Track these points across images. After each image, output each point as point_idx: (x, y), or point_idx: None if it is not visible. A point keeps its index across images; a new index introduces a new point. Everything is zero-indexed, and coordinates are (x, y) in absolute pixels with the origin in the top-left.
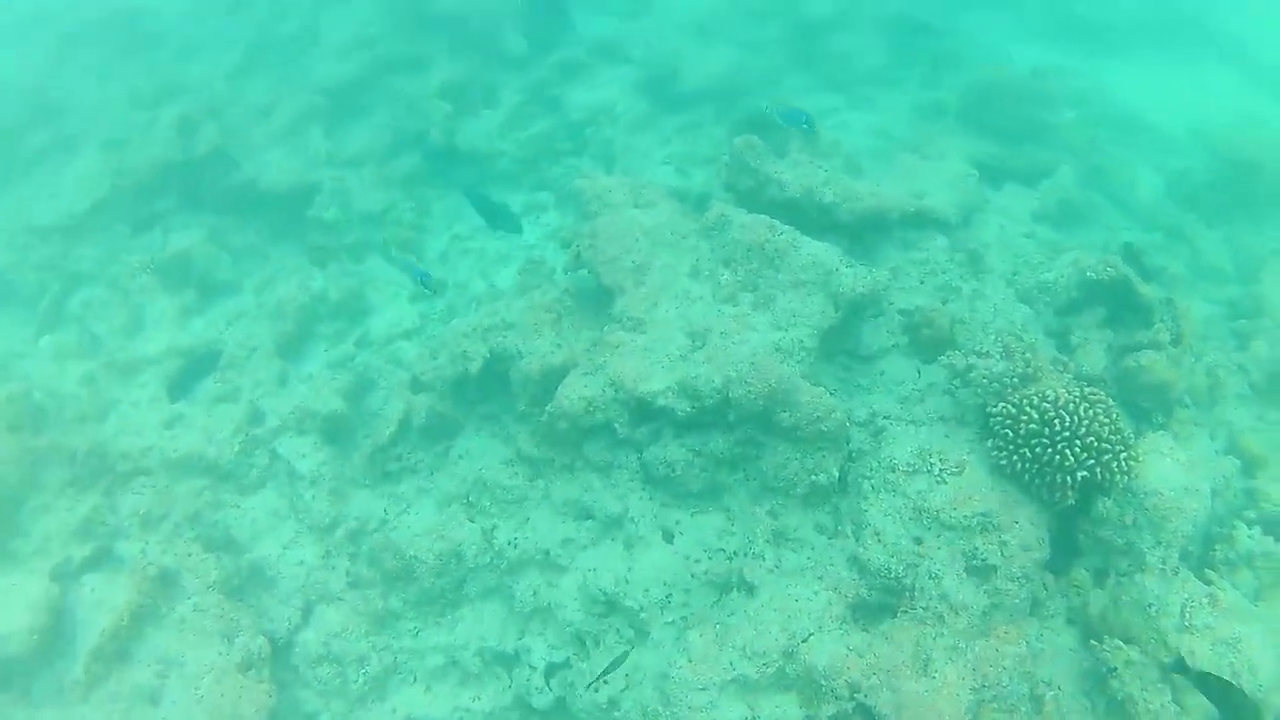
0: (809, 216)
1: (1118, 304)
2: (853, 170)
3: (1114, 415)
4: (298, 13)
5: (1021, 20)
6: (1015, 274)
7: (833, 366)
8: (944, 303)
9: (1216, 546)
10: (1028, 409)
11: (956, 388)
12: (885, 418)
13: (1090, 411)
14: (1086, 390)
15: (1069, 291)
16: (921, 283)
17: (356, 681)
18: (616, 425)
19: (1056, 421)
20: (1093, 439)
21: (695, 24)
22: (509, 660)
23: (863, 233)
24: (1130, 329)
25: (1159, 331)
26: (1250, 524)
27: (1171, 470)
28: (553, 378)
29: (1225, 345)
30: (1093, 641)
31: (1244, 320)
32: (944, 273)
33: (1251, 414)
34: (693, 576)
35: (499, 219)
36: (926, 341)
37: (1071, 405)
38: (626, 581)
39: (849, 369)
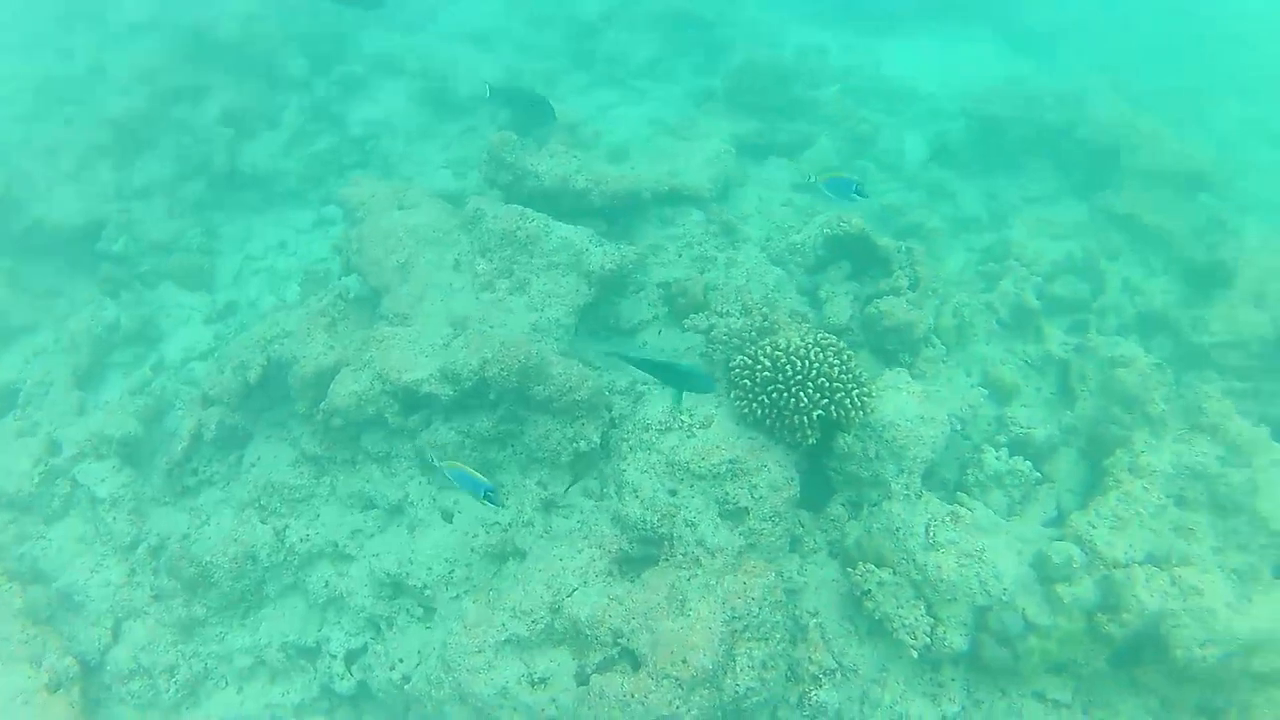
0: (566, 203)
1: (861, 258)
2: (618, 158)
3: (845, 357)
4: (84, 52)
5: (800, 5)
6: (769, 240)
7: (597, 341)
8: (701, 273)
9: (969, 470)
10: (761, 358)
11: (706, 348)
12: (644, 384)
13: (822, 355)
14: (819, 336)
15: (816, 251)
16: (679, 256)
17: (168, 692)
18: (388, 416)
19: (789, 367)
20: (824, 380)
21: (475, 34)
22: (311, 652)
23: (619, 214)
24: (874, 279)
25: (898, 279)
26: (999, 447)
27: (908, 403)
28: (326, 378)
29: (976, 288)
30: (848, 569)
31: (993, 263)
32: (700, 244)
33: (1001, 348)
34: (472, 551)
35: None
36: (682, 310)
37: (804, 351)
38: (411, 563)
39: (612, 342)
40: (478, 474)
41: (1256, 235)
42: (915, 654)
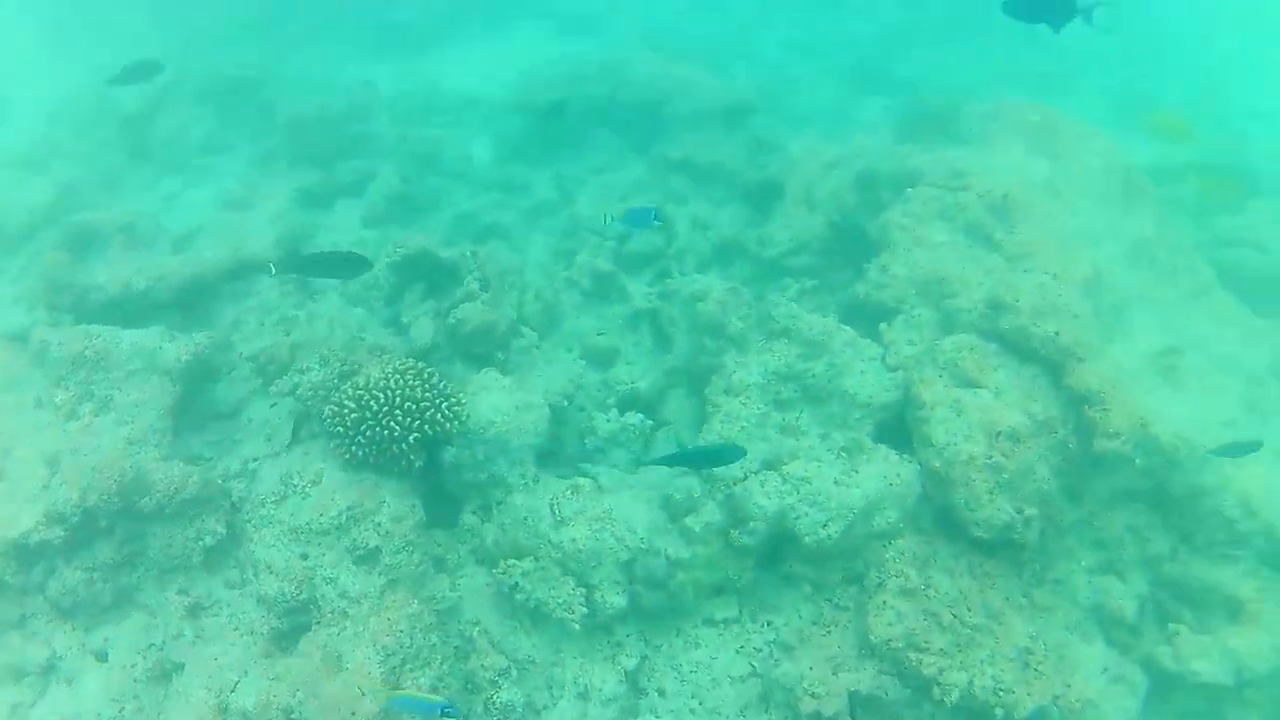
0: (131, 307)
1: (431, 274)
2: (185, 245)
3: (426, 375)
4: None
5: (344, 44)
6: (346, 282)
7: (204, 434)
8: (287, 334)
9: (586, 439)
10: (346, 401)
11: (299, 407)
12: (255, 460)
13: (403, 381)
14: (398, 363)
15: (389, 280)
16: (262, 324)
17: None
18: (6, 577)
19: (373, 402)
20: (411, 404)
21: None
22: None
23: (192, 302)
24: (450, 291)
25: (469, 284)
26: (608, 409)
27: (501, 398)
28: None
29: (558, 267)
30: (493, 570)
31: (569, 240)
32: (279, 308)
33: (593, 316)
34: (135, 681)
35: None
36: (274, 377)
37: (384, 382)
38: (79, 716)
39: (217, 430)
40: (427, 695)
41: (798, 146)
42: (578, 626)
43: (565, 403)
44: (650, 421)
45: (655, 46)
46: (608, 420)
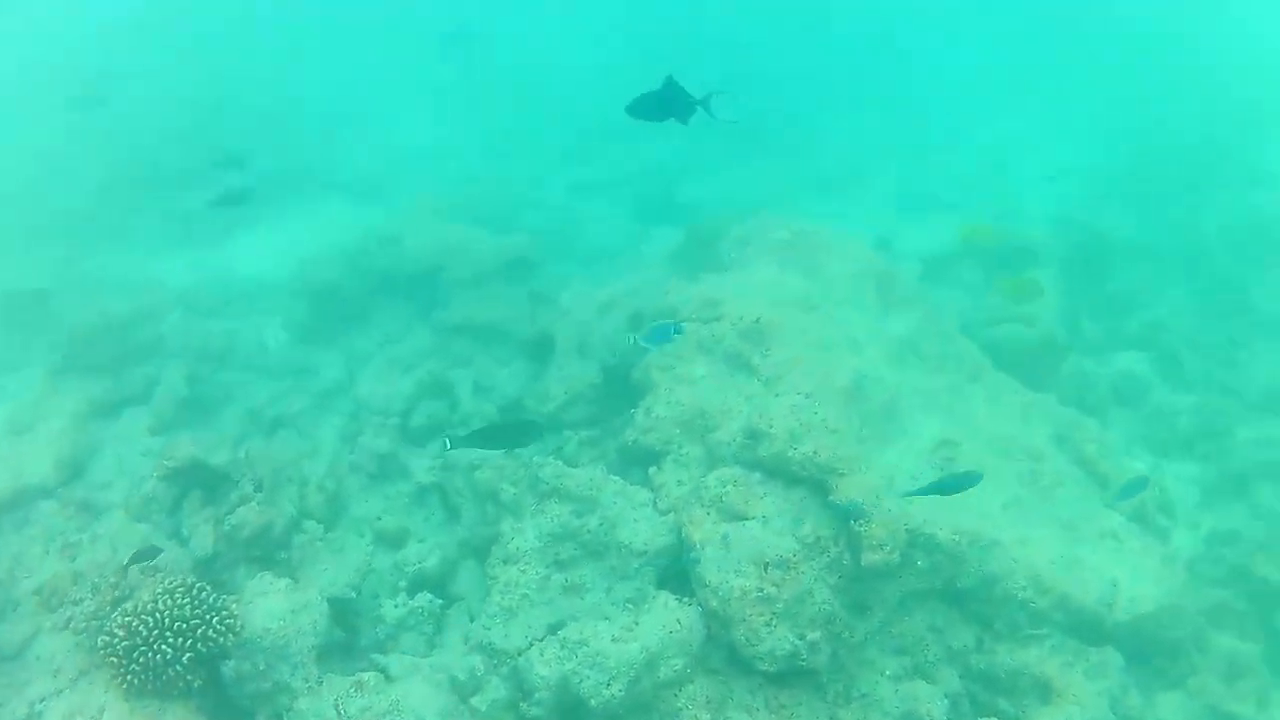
0: None
1: (208, 481)
2: None
3: (195, 591)
4: None
5: (144, 241)
6: (129, 499)
7: None
8: (71, 561)
9: (377, 627)
10: (115, 630)
11: (79, 641)
12: (42, 700)
13: (173, 601)
14: (168, 583)
15: (168, 492)
16: (46, 553)
17: None
18: None
19: (142, 628)
20: (181, 623)
21: None
22: None
23: None
24: (226, 495)
25: (244, 486)
26: (398, 592)
27: (277, 603)
28: None
29: (344, 452)
30: None
31: (353, 422)
32: (63, 533)
33: (380, 498)
34: None
35: None
36: (57, 608)
37: (153, 605)
38: None
39: (4, 673)
40: None
41: (570, 295)
42: None
43: (353, 593)
44: (440, 601)
45: (441, 209)
46: (395, 606)
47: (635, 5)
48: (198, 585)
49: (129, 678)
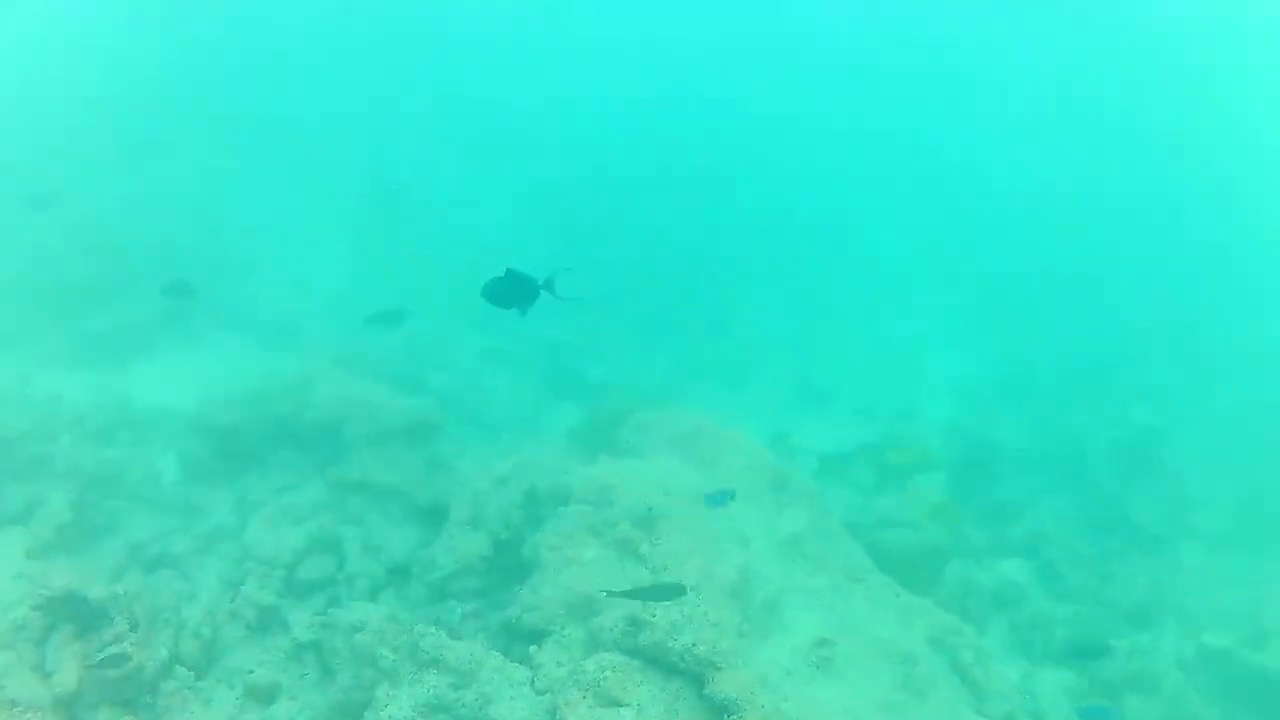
0: None
1: (83, 616)
2: None
3: None
4: None
5: (43, 355)
6: None
7: None
8: None
9: None
10: None
11: None
12: None
13: None
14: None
15: (39, 622)
16: None
17: None
18: None
19: None
20: None
21: None
22: None
23: None
24: (100, 634)
25: (119, 624)
26: None
27: None
28: None
29: (224, 600)
30: None
31: (236, 568)
32: None
33: (257, 650)
34: None
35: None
36: None
37: None
38: None
39: None
40: None
41: (469, 464)
42: None
43: None
44: None
45: (348, 360)
46: None
47: (556, 184)
48: None
49: None
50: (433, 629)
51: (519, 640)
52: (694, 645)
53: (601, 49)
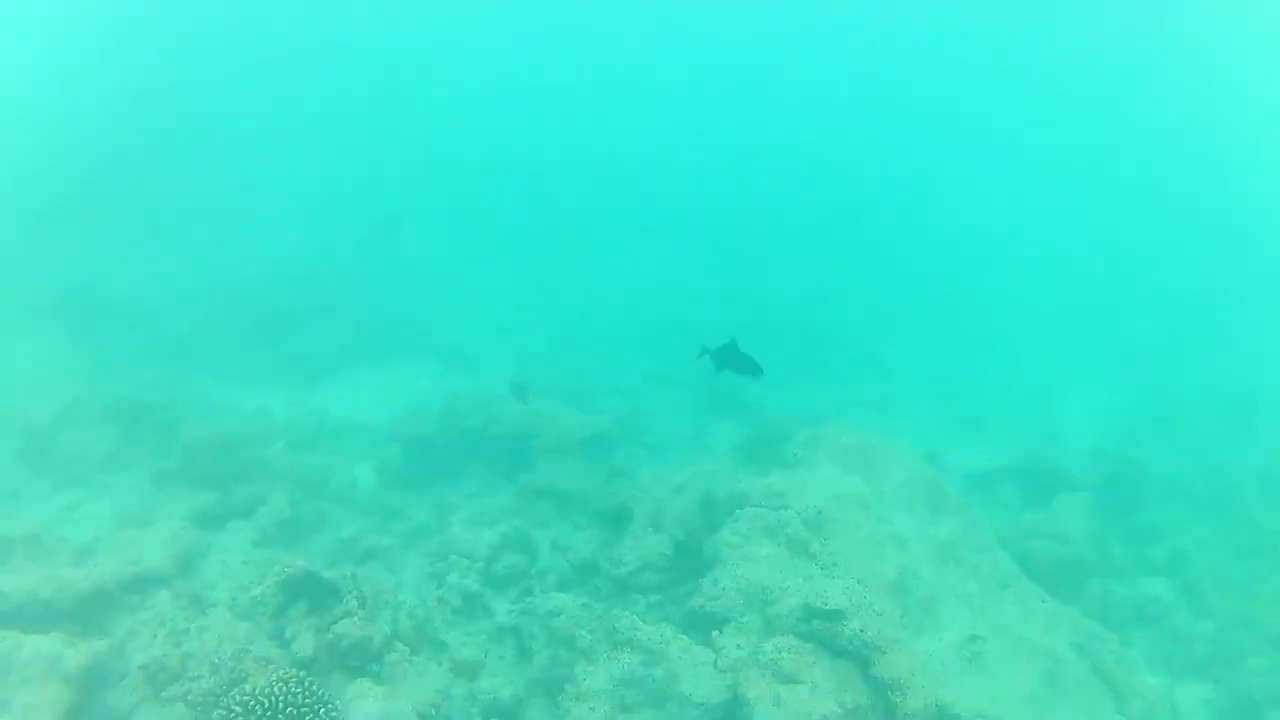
0: (32, 613)
1: (314, 592)
2: (86, 556)
3: (307, 684)
4: None
5: (245, 369)
6: (234, 599)
7: None
8: (177, 646)
9: None
10: (234, 706)
11: (191, 713)
12: None
13: (286, 689)
14: (283, 673)
15: (276, 598)
16: (155, 636)
17: None
18: None
19: (258, 707)
20: (292, 709)
21: None
22: None
23: (90, 612)
24: (330, 608)
25: (349, 603)
26: (473, 718)
27: (373, 706)
28: None
29: (431, 588)
30: None
31: (440, 562)
32: (172, 620)
33: (461, 632)
34: None
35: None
36: (164, 685)
37: (269, 689)
38: None
39: None
40: None
41: (648, 474)
42: None
43: (433, 711)
44: None
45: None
46: None
47: (713, 225)
48: (309, 678)
49: None
50: (626, 612)
51: (701, 627)
52: (862, 631)
53: (748, 93)
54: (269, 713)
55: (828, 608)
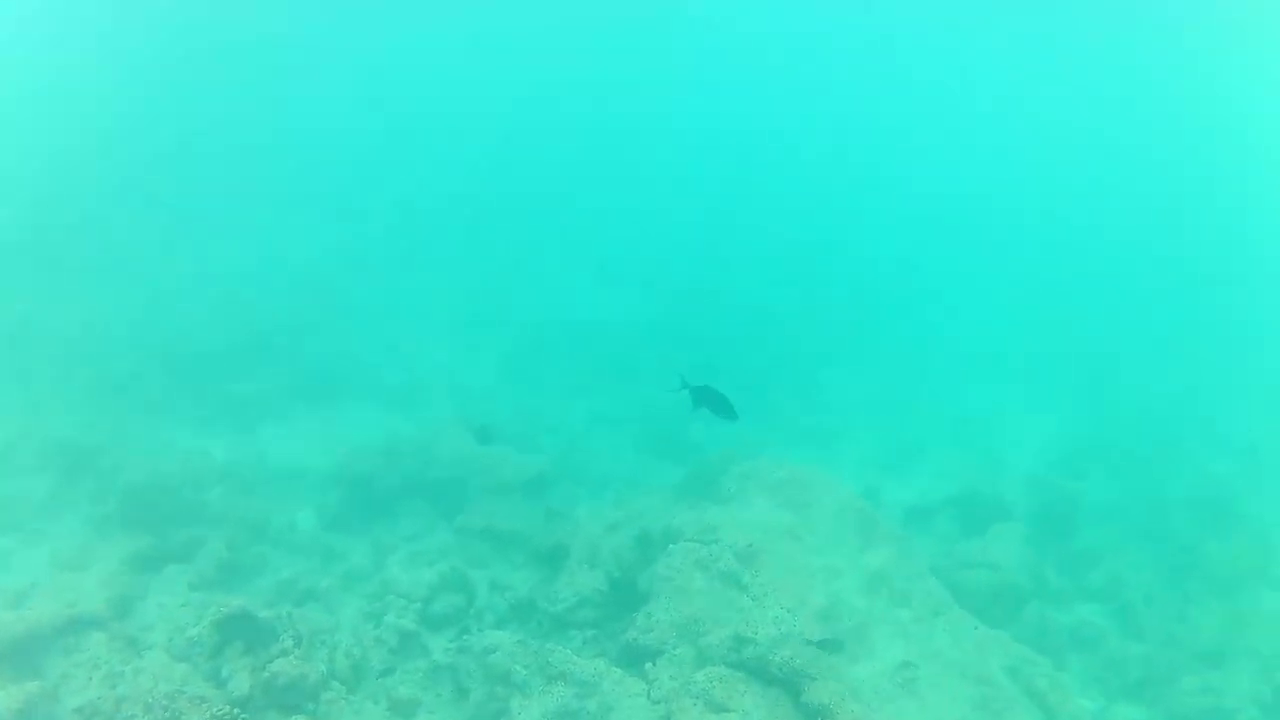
0: None
1: (250, 632)
2: (20, 602)
3: None
4: None
5: (187, 414)
6: (171, 641)
7: None
8: (113, 688)
9: None
10: None
11: None
12: None
13: None
14: (217, 710)
15: (212, 638)
16: (90, 679)
17: None
18: None
19: None
20: None
21: None
22: None
23: (23, 657)
24: (266, 647)
25: (284, 641)
26: None
27: None
28: None
29: (368, 627)
30: None
31: (378, 602)
32: (107, 662)
33: (398, 672)
34: None
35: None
36: None
37: None
38: None
39: None
40: None
41: (586, 510)
42: None
43: None
44: None
45: (465, 420)
46: None
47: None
48: (243, 717)
49: None
50: (560, 647)
51: (635, 659)
52: (791, 658)
53: (698, 125)
54: None
55: (756, 636)
